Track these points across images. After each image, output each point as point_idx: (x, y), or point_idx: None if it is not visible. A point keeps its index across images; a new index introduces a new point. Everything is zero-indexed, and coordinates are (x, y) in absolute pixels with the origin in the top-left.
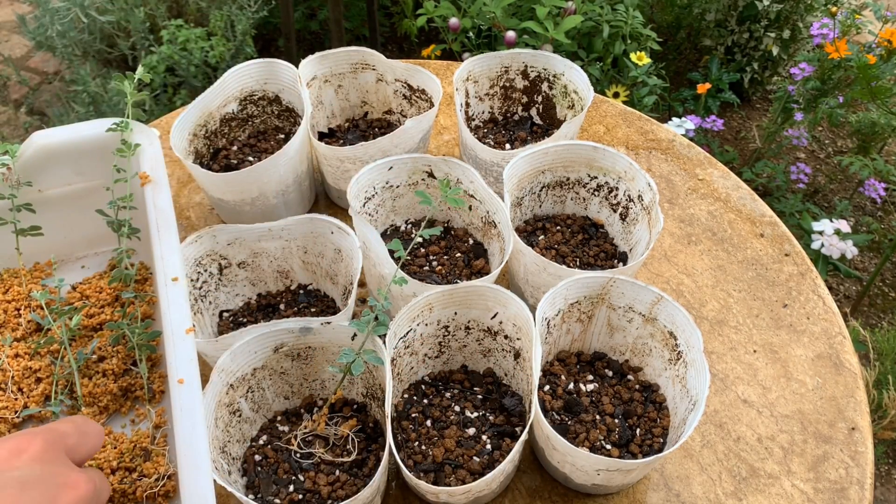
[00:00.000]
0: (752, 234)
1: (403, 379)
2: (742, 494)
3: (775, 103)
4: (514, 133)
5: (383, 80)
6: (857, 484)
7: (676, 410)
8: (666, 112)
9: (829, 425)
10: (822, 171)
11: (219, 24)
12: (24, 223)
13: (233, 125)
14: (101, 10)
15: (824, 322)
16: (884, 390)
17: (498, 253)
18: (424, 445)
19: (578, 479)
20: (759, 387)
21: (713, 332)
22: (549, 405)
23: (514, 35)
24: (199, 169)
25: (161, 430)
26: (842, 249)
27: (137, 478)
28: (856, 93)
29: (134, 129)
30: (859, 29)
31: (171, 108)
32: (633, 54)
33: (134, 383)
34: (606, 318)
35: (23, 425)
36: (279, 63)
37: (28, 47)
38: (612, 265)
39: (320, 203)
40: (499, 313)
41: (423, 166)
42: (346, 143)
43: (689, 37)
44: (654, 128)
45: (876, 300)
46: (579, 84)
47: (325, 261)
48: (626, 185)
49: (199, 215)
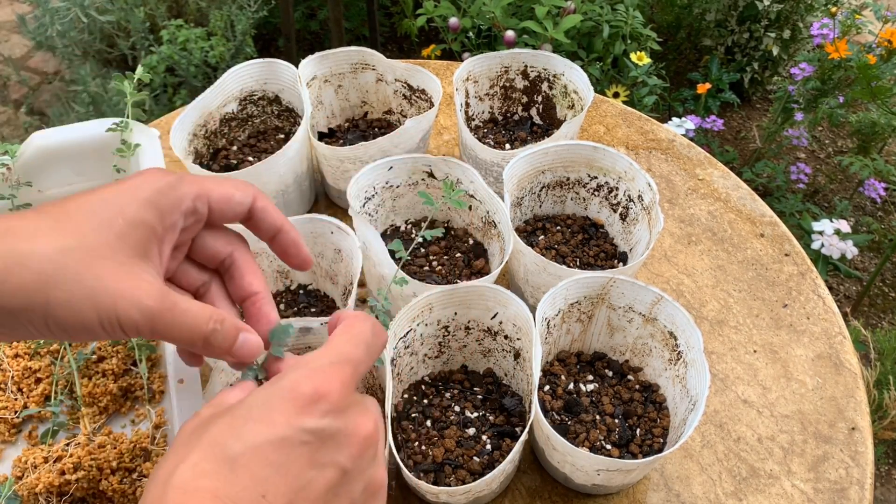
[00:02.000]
0: (752, 234)
1: (403, 379)
2: (742, 494)
3: (775, 103)
4: (514, 133)
5: (383, 80)
6: (857, 484)
7: (676, 410)
8: (666, 112)
9: (829, 425)
10: (822, 171)
11: (219, 24)
12: None
13: (233, 125)
14: (101, 10)
15: (824, 322)
16: (884, 390)
17: (498, 253)
18: (424, 445)
19: (578, 480)
20: (759, 387)
21: (713, 332)
22: (549, 405)
23: (513, 35)
24: (199, 169)
25: (161, 430)
26: (842, 249)
27: (137, 478)
28: (856, 93)
29: (134, 129)
30: (859, 29)
31: (171, 108)
32: (633, 54)
33: (134, 383)
34: (606, 318)
35: (23, 425)
36: (279, 63)
37: (28, 47)
38: (612, 265)
39: (320, 203)
40: (499, 313)
41: (423, 166)
42: (346, 143)
43: (689, 37)
44: (654, 128)
45: (876, 300)
46: (579, 84)
47: (325, 261)
48: (626, 185)
49: None
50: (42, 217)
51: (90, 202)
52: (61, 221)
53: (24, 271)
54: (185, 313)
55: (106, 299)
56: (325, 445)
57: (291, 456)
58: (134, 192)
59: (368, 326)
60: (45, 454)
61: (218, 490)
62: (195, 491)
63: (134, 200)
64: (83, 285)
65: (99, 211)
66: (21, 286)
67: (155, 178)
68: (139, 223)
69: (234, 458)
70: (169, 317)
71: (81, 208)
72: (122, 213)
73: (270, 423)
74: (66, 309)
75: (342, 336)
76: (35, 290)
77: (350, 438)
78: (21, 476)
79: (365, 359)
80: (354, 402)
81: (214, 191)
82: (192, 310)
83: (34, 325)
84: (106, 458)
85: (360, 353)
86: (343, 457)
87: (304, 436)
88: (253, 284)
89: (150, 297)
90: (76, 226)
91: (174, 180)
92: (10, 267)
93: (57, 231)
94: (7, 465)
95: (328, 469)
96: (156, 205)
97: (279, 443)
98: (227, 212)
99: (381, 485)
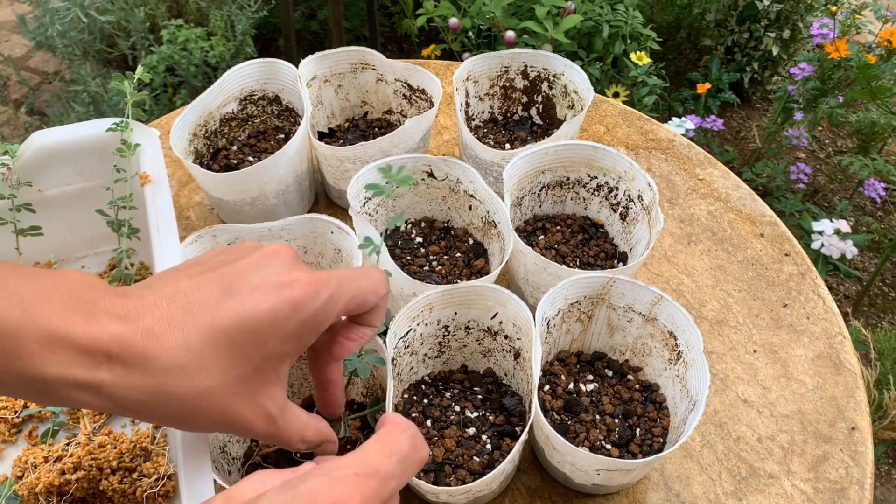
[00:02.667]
0: (752, 234)
1: (403, 379)
2: (742, 494)
3: (775, 103)
4: (514, 133)
5: (383, 80)
6: (857, 484)
7: (676, 410)
8: (666, 112)
9: (829, 425)
10: (822, 171)
11: (219, 24)
12: (24, 223)
13: (233, 125)
14: (101, 10)
15: (824, 322)
16: (884, 390)
17: (498, 253)
18: None
19: (578, 479)
20: (759, 387)
21: (713, 332)
22: (549, 405)
23: (513, 35)
24: (199, 169)
25: (161, 430)
26: (842, 249)
27: (137, 478)
28: (856, 93)
29: (134, 129)
30: (859, 29)
31: (171, 108)
32: (633, 54)
33: None
34: (606, 318)
35: (23, 425)
36: (279, 63)
37: (28, 47)
38: (612, 265)
39: (320, 203)
40: (499, 313)
41: (423, 166)
42: (346, 143)
43: (689, 37)
44: (654, 128)
45: (876, 300)
46: (579, 84)
47: (325, 261)
48: (626, 185)
49: (199, 215)
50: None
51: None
52: (206, 357)
53: (163, 411)
54: (284, 429)
55: (226, 426)
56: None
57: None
58: (280, 325)
59: (407, 437)
60: (45, 454)
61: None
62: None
63: (278, 334)
64: (212, 421)
65: (242, 345)
66: (159, 418)
67: (303, 304)
68: (280, 356)
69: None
70: (271, 435)
71: (228, 337)
72: (264, 348)
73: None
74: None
75: (376, 445)
76: (169, 422)
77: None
78: (21, 476)
79: (397, 473)
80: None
81: (353, 300)
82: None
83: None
84: (106, 458)
85: (391, 466)
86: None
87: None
88: (335, 372)
89: (260, 420)
90: (218, 359)
91: (321, 306)
92: (152, 407)
93: (201, 369)
94: (7, 465)
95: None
96: (299, 338)
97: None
98: (355, 313)
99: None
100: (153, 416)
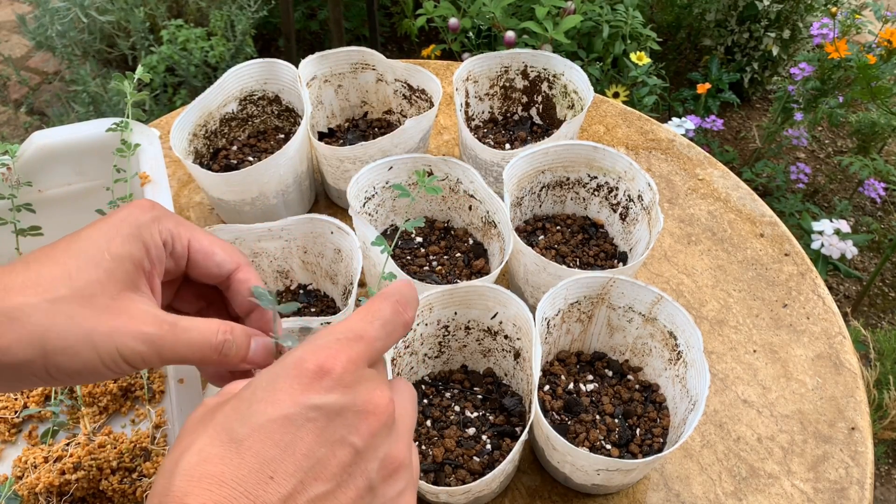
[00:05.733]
0: (752, 234)
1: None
2: (742, 494)
3: (775, 103)
4: (514, 133)
5: (383, 80)
6: (857, 484)
7: (676, 410)
8: (666, 112)
9: (829, 425)
10: (822, 171)
11: (219, 24)
12: (24, 223)
13: (233, 125)
14: (101, 10)
15: (824, 322)
16: (884, 390)
17: (498, 253)
18: (424, 445)
19: (578, 479)
20: (759, 387)
21: (713, 332)
22: (549, 405)
23: (513, 35)
24: (198, 169)
25: (161, 430)
26: (842, 249)
27: (137, 478)
28: (856, 93)
29: (134, 129)
30: (859, 29)
31: (171, 108)
32: (633, 54)
33: (134, 383)
34: (606, 318)
35: (23, 425)
36: (279, 63)
37: (28, 47)
38: (612, 265)
39: (320, 203)
40: (499, 313)
41: (423, 166)
42: (346, 143)
43: (689, 37)
44: (654, 128)
45: (876, 300)
46: (579, 84)
47: (324, 261)
48: (626, 185)
49: (199, 215)
50: (30, 267)
51: (76, 242)
52: (47, 267)
53: (17, 326)
54: (190, 330)
55: (103, 338)
56: (333, 422)
57: (298, 434)
58: (118, 228)
59: (389, 304)
60: (45, 454)
61: (224, 474)
62: (201, 477)
63: (118, 235)
64: (78, 329)
65: (85, 249)
66: (17, 341)
67: (139, 212)
68: (125, 257)
69: (240, 440)
70: (172, 338)
71: (68, 250)
72: (107, 249)
73: (274, 402)
74: (65, 356)
75: (358, 314)
76: (31, 343)
77: (361, 414)
78: (21, 476)
79: (380, 335)
80: (365, 378)
81: (197, 240)
82: (196, 326)
83: (37, 375)
84: (106, 458)
85: (374, 329)
86: (354, 434)
87: (310, 413)
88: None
89: (147, 323)
90: (64, 270)
91: (159, 214)
92: (3, 324)
93: (45, 280)
94: (7, 465)
95: (339, 447)
96: (139, 238)
97: (284, 421)
98: (204, 268)
99: (399, 462)
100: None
